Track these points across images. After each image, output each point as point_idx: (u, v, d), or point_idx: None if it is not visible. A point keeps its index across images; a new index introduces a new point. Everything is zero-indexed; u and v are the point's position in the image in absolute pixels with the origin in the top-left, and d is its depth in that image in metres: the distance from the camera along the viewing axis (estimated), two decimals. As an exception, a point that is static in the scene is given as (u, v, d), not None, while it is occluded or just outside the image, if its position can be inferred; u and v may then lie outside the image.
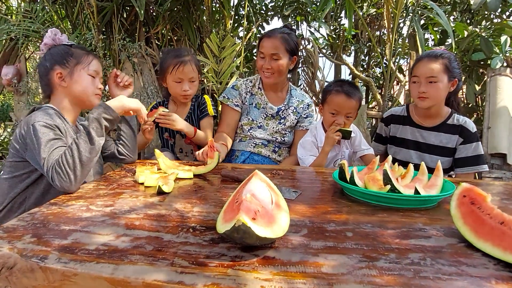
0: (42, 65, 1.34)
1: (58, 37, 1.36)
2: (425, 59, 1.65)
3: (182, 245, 0.71)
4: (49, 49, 1.35)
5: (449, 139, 1.71)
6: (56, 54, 1.33)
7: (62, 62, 1.32)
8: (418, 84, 1.66)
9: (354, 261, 0.66)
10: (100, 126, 1.15)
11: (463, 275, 0.62)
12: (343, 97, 1.65)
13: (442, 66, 1.61)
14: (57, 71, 1.31)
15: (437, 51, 1.67)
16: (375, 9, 3.97)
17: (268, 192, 0.81)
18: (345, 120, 1.68)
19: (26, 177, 1.25)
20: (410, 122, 1.81)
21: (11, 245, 0.69)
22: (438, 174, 1.14)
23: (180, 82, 1.81)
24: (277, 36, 1.82)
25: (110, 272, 0.60)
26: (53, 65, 1.32)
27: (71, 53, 1.34)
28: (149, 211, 0.91)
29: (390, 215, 0.93)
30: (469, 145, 1.67)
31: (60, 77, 1.32)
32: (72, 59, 1.33)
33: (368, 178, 1.08)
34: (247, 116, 1.96)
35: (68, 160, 1.06)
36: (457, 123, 1.69)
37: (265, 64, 1.83)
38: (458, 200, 0.80)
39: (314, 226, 0.83)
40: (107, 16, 2.93)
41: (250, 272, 0.61)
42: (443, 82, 1.62)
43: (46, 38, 1.35)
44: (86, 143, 1.10)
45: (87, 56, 1.36)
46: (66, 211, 0.90)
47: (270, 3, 4.06)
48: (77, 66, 1.33)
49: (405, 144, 1.81)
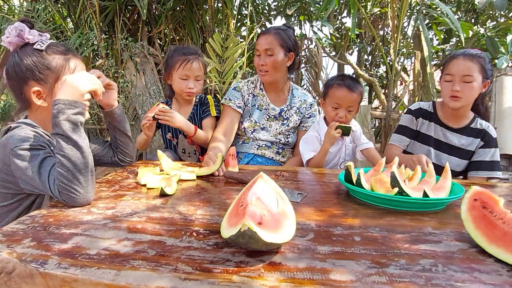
0: (12, 74, 1.07)
1: (26, 33, 1.05)
2: (460, 57, 1.57)
3: (186, 250, 0.69)
4: (17, 54, 1.06)
5: (470, 142, 1.68)
6: (27, 65, 1.04)
7: (37, 77, 1.05)
8: (452, 83, 1.58)
9: (363, 267, 0.64)
10: (75, 125, 0.96)
11: (476, 282, 0.60)
12: (344, 90, 1.66)
13: (479, 65, 1.54)
14: (34, 89, 1.05)
15: (472, 50, 1.61)
16: (378, 8, 3.95)
17: (273, 195, 0.79)
18: (347, 114, 1.68)
19: (17, 205, 1.07)
20: (436, 119, 1.76)
21: (10, 249, 0.67)
22: (446, 176, 1.11)
23: (186, 80, 1.81)
24: (271, 32, 1.82)
25: (111, 278, 0.58)
26: (27, 79, 1.06)
27: (47, 64, 1.06)
28: (151, 214, 0.90)
29: (398, 219, 0.91)
30: (488, 150, 1.64)
31: (39, 96, 1.07)
32: (49, 72, 1.06)
33: (375, 181, 1.05)
34: (250, 118, 1.94)
35: (67, 176, 0.92)
36: (480, 127, 1.66)
37: (260, 61, 1.82)
38: (469, 203, 0.78)
39: (321, 230, 0.81)
40: (109, 15, 2.92)
41: (256, 279, 0.59)
42: (478, 82, 1.55)
43: (9, 37, 1.05)
44: (72, 150, 0.93)
45: (67, 63, 1.09)
46: (67, 214, 0.88)
47: (273, 2, 4.04)
48: (58, 81, 1.07)
49: (427, 141, 1.76)
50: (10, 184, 1.03)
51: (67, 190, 0.92)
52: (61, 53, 1.09)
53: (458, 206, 0.81)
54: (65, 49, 1.11)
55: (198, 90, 1.86)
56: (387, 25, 3.89)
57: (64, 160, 0.93)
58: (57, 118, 0.95)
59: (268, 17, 4.03)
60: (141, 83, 3.00)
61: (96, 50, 2.93)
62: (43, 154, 1.00)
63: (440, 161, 1.70)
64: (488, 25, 3.55)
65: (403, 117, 1.88)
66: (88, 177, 0.95)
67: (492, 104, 2.75)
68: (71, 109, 0.96)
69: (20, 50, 1.06)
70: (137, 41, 3.03)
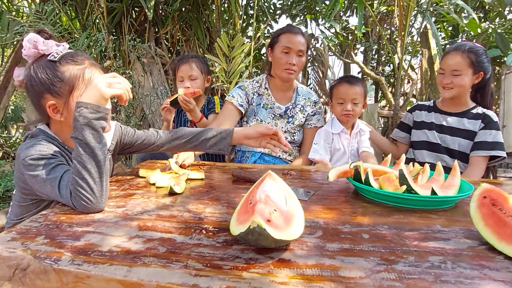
0: (29, 87, 1.05)
1: (40, 44, 1.01)
2: (452, 53, 1.75)
3: (196, 247, 0.70)
4: (33, 66, 1.03)
5: (470, 124, 1.77)
6: (41, 78, 1.01)
7: (52, 91, 1.02)
8: (443, 75, 1.76)
9: (372, 264, 0.64)
10: (95, 131, 0.92)
11: (486, 279, 0.60)
12: (345, 85, 1.81)
13: (468, 60, 1.68)
14: (49, 102, 1.02)
15: (466, 44, 1.73)
16: (385, 6, 3.93)
17: (282, 193, 0.79)
18: (353, 107, 1.79)
19: (36, 206, 1.07)
20: (436, 109, 1.90)
21: (24, 246, 0.69)
22: (455, 174, 1.11)
23: (182, 81, 1.98)
24: (299, 33, 1.86)
25: (123, 275, 0.59)
26: (42, 93, 1.03)
27: (61, 76, 1.01)
28: (161, 212, 0.91)
29: (406, 217, 0.91)
30: (488, 131, 1.71)
31: (55, 110, 1.04)
32: (63, 85, 1.02)
33: (383, 179, 1.05)
34: (255, 117, 1.95)
35: (81, 184, 0.89)
36: (481, 112, 1.77)
37: (290, 60, 1.82)
38: (478, 201, 0.78)
39: (329, 228, 0.82)
40: (116, 17, 2.94)
41: (265, 275, 0.60)
42: (468, 75, 1.70)
43: (26, 49, 1.02)
44: (89, 158, 0.90)
45: (81, 73, 1.04)
46: (78, 212, 0.90)
47: (279, 1, 4.04)
48: (73, 93, 1.03)
49: (427, 126, 1.89)
50: (28, 191, 1.03)
51: (79, 197, 0.89)
52: (75, 63, 1.04)
53: (467, 204, 0.81)
54: (81, 59, 1.06)
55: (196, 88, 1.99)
56: (394, 23, 3.86)
57: (80, 167, 0.90)
58: (78, 122, 0.91)
59: (273, 17, 4.02)
60: (148, 84, 3.02)
61: (104, 51, 2.96)
62: (54, 161, 0.98)
63: (445, 143, 1.81)
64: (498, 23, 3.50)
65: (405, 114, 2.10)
66: (102, 186, 0.92)
67: (501, 102, 2.72)
68: (93, 114, 0.92)
69: (36, 62, 1.03)
70: (144, 42, 3.05)
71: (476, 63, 1.68)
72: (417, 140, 1.92)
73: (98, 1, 2.85)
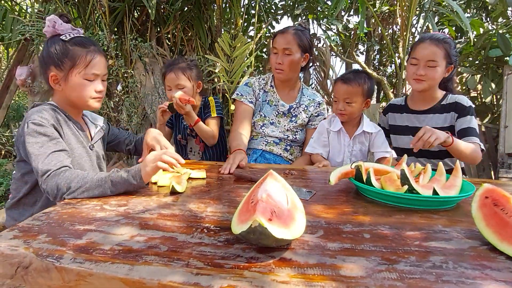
0: (41, 58, 1.24)
1: (58, 25, 1.20)
2: (427, 42, 1.62)
3: (197, 246, 0.70)
4: (48, 41, 1.22)
5: (444, 119, 1.69)
6: (52, 52, 1.19)
7: (56, 63, 1.19)
8: (417, 67, 1.63)
9: (373, 263, 0.64)
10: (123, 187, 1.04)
11: (487, 279, 0.60)
12: (339, 83, 1.73)
13: (444, 51, 1.59)
14: (52, 73, 1.20)
15: (439, 35, 1.64)
16: (387, 6, 3.92)
17: (283, 193, 0.79)
18: (346, 106, 1.70)
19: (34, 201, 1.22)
20: (407, 109, 1.81)
21: (26, 244, 0.69)
22: (457, 174, 1.11)
23: (170, 90, 1.87)
24: (289, 32, 1.84)
25: (125, 273, 0.59)
26: (49, 65, 1.21)
27: (66, 53, 1.19)
28: (162, 211, 0.91)
29: (408, 217, 0.90)
30: (463, 119, 1.63)
31: (55, 80, 1.21)
32: (67, 60, 1.19)
33: (384, 179, 1.05)
34: (260, 112, 1.98)
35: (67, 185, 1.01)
36: (451, 101, 1.69)
37: (277, 59, 1.84)
38: (480, 201, 0.78)
39: (330, 227, 0.82)
40: (118, 16, 2.95)
41: (266, 274, 0.60)
42: (441, 67, 1.61)
43: (46, 27, 1.21)
44: (99, 186, 1.02)
45: (85, 56, 1.20)
46: (80, 210, 0.90)
47: (280, 2, 4.04)
48: (72, 70, 1.20)
49: (403, 131, 1.81)
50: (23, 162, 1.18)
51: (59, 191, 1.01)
52: (81, 45, 1.21)
53: (469, 204, 0.80)
54: (88, 43, 1.23)
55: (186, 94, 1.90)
56: (396, 23, 3.86)
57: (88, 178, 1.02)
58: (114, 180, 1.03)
59: (275, 17, 4.02)
60: (150, 83, 3.02)
61: (106, 51, 2.96)
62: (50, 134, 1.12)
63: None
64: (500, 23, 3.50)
65: None
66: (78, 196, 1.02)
67: (503, 103, 2.72)
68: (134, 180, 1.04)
69: (51, 38, 1.22)
70: (146, 41, 3.05)
71: (449, 55, 1.60)
72: (396, 146, 1.85)
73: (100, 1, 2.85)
